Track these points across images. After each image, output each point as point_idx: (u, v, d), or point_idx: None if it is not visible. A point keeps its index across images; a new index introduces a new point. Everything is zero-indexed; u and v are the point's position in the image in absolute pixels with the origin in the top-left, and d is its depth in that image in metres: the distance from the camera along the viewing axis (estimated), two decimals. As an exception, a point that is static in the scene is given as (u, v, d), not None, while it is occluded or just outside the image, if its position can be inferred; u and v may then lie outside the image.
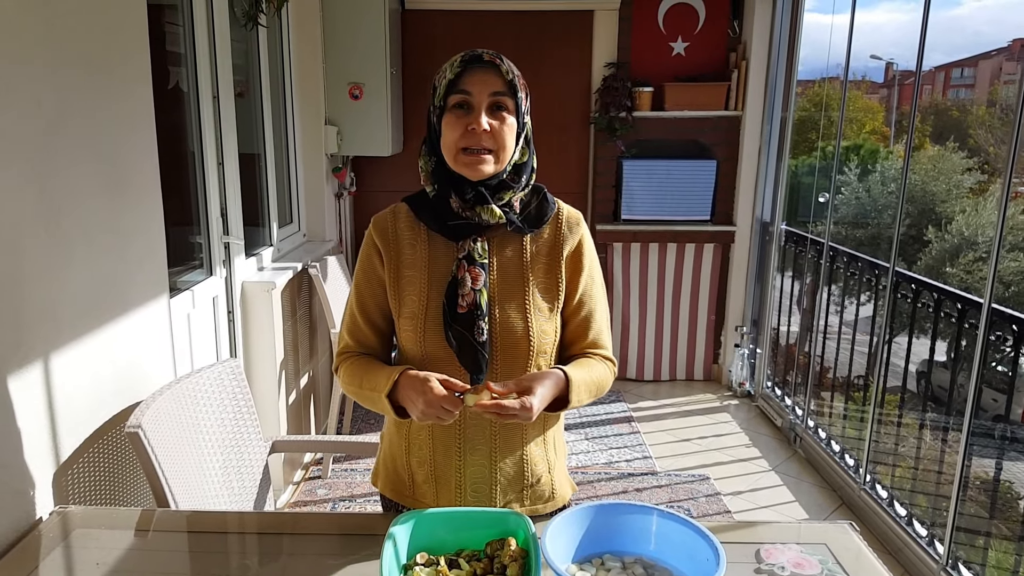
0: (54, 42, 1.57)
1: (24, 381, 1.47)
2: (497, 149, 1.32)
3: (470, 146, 1.31)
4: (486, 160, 1.32)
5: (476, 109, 1.30)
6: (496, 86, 1.30)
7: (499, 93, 1.30)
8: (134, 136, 1.93)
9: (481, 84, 1.30)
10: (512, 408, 1.21)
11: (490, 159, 1.32)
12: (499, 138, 1.31)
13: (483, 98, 1.30)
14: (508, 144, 1.33)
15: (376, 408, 1.38)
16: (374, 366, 1.40)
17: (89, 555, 1.37)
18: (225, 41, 2.78)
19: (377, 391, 1.33)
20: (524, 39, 4.47)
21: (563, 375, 1.32)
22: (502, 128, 1.31)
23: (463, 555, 1.23)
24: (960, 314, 2.79)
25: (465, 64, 1.30)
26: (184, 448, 1.76)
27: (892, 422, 3.81)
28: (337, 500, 3.24)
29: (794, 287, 4.36)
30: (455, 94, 1.30)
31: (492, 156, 1.32)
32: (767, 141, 4.32)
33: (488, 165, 1.32)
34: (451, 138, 1.32)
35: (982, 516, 3.05)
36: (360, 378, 1.39)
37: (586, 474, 3.53)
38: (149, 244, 2.01)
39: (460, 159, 1.32)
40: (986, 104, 17.23)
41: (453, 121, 1.31)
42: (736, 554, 1.33)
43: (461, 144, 1.31)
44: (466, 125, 1.30)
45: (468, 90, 1.30)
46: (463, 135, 1.30)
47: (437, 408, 1.23)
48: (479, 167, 1.32)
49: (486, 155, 1.31)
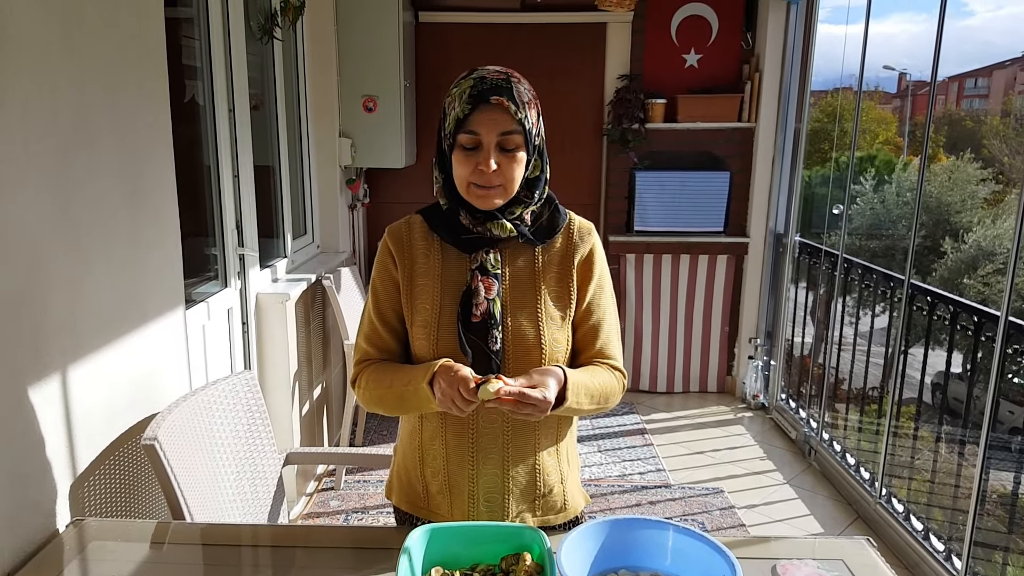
0: (73, 58, 1.60)
1: (43, 393, 1.48)
2: (505, 183, 1.33)
3: (480, 183, 1.32)
4: (495, 195, 1.34)
5: (485, 149, 1.31)
6: (505, 126, 1.30)
7: (507, 133, 1.31)
8: (152, 150, 1.95)
9: (490, 124, 1.30)
10: (534, 398, 1.23)
11: (499, 192, 1.34)
12: (507, 175, 1.33)
13: (492, 138, 1.30)
14: (517, 176, 1.35)
15: (405, 406, 1.39)
16: (402, 366, 1.41)
17: (105, 568, 1.37)
18: (241, 55, 2.81)
19: (414, 384, 1.33)
20: (537, 51, 4.49)
21: (562, 374, 1.33)
22: (511, 165, 1.32)
23: (478, 570, 1.22)
24: (976, 327, 2.76)
25: (474, 101, 1.30)
26: (199, 460, 1.76)
27: (908, 435, 3.78)
28: (350, 512, 3.24)
29: (808, 299, 4.34)
30: (464, 133, 1.31)
31: (501, 190, 1.34)
32: (780, 152, 4.31)
33: (498, 198, 1.35)
34: (461, 173, 1.33)
35: (1000, 531, 3.01)
36: (390, 378, 1.39)
37: (599, 486, 3.51)
38: (166, 256, 2.03)
39: (471, 192, 1.34)
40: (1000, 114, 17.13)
41: (463, 159, 1.32)
42: (752, 570, 1.32)
43: (471, 180, 1.33)
44: (475, 164, 1.31)
45: (477, 131, 1.30)
46: (473, 172, 1.32)
47: (454, 390, 1.24)
48: (490, 200, 1.34)
49: (495, 190, 1.33)
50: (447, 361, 1.31)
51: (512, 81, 1.32)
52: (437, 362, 1.32)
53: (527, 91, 1.34)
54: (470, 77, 1.32)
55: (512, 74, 1.34)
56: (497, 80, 1.31)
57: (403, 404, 1.39)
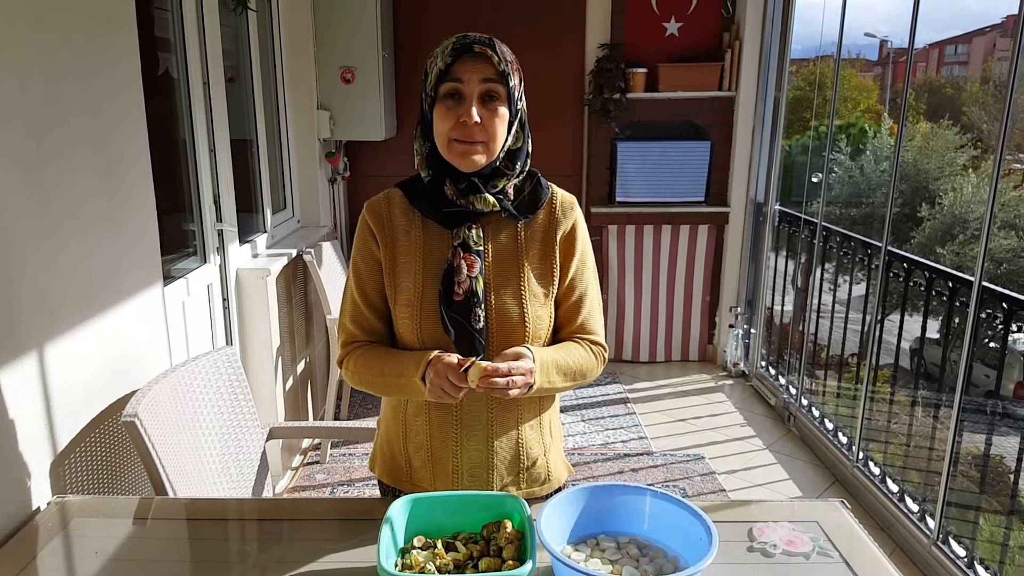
0: (41, 33, 1.56)
1: (19, 372, 1.48)
2: (488, 140, 1.32)
3: (461, 138, 1.31)
4: (477, 150, 1.32)
5: (467, 99, 1.29)
6: (488, 73, 1.29)
7: (490, 80, 1.29)
8: (125, 125, 1.92)
9: (472, 73, 1.29)
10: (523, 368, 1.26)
11: (481, 150, 1.32)
12: (490, 129, 1.31)
13: (474, 87, 1.29)
14: (499, 134, 1.33)
15: (398, 394, 1.40)
16: (392, 353, 1.40)
17: (87, 544, 1.38)
18: (214, 26, 2.76)
19: (405, 376, 1.33)
20: (517, 21, 4.44)
21: (530, 355, 1.32)
22: (493, 119, 1.31)
23: (460, 538, 1.24)
24: (951, 292, 2.80)
25: (456, 52, 1.29)
26: (181, 436, 1.77)
27: (885, 400, 3.84)
28: (336, 485, 3.26)
29: (788, 267, 4.37)
30: (446, 83, 1.30)
31: (483, 147, 1.32)
32: (761, 121, 4.31)
33: (479, 156, 1.32)
34: (442, 129, 1.32)
35: (973, 491, 3.08)
36: (380, 366, 1.39)
37: (583, 455, 3.55)
38: (142, 233, 2.01)
39: (451, 148, 1.32)
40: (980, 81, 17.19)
41: (444, 112, 1.31)
42: (729, 533, 1.35)
43: (452, 135, 1.31)
44: (457, 116, 1.30)
45: (459, 78, 1.29)
46: (454, 126, 1.30)
47: (443, 379, 1.25)
48: (470, 157, 1.32)
49: (477, 146, 1.31)
50: (437, 353, 1.31)
51: (495, 41, 1.32)
52: (428, 355, 1.31)
53: (509, 53, 1.34)
54: (452, 37, 1.32)
55: (494, 37, 1.33)
56: (479, 36, 1.31)
57: (395, 392, 1.39)
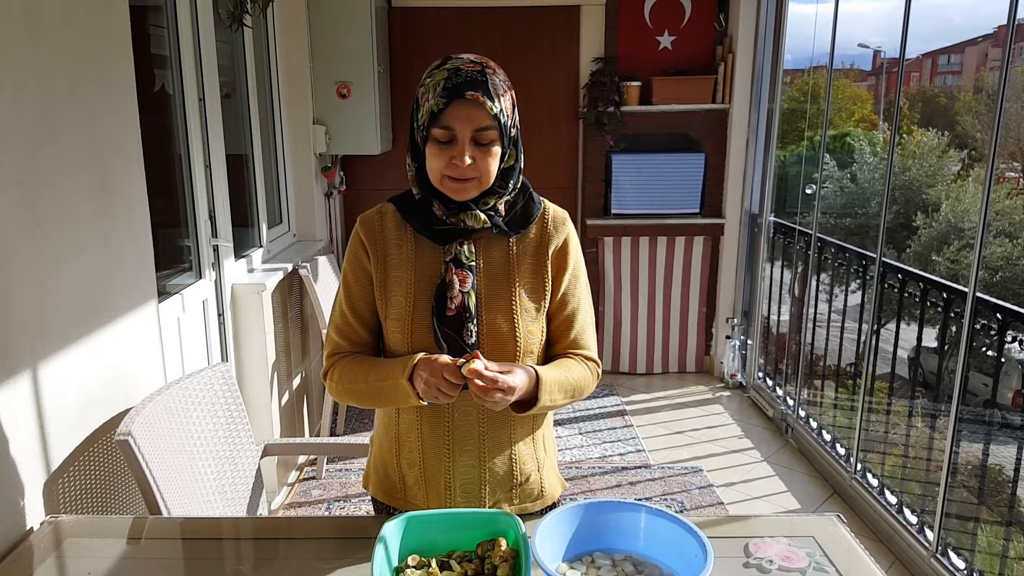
0: (36, 50, 1.57)
1: (13, 390, 1.47)
2: (480, 176, 1.32)
3: (454, 175, 1.30)
4: (469, 187, 1.32)
5: (460, 144, 1.29)
6: (481, 121, 1.28)
7: (483, 129, 1.29)
8: (120, 141, 1.93)
9: (465, 120, 1.27)
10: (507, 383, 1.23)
11: (474, 184, 1.32)
12: (482, 167, 1.31)
13: (467, 133, 1.28)
14: (492, 169, 1.33)
15: (382, 401, 1.38)
16: (377, 360, 1.40)
17: (82, 564, 1.37)
18: (210, 42, 2.77)
19: (392, 379, 1.32)
20: (511, 35, 4.47)
21: (535, 373, 1.33)
22: (486, 158, 1.31)
23: (454, 556, 1.24)
24: (945, 303, 2.81)
25: (449, 95, 1.27)
26: (175, 454, 1.76)
27: (882, 411, 3.84)
28: (332, 501, 3.25)
29: (783, 278, 4.38)
30: (438, 128, 1.29)
31: (476, 182, 1.32)
32: (755, 133, 4.33)
33: (472, 190, 1.33)
34: (435, 166, 1.31)
35: (971, 502, 3.08)
36: (365, 373, 1.38)
37: (580, 469, 3.54)
38: (136, 249, 2.01)
39: (444, 184, 1.32)
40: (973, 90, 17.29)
41: (437, 151, 1.30)
42: (725, 548, 1.35)
43: (445, 172, 1.31)
44: (450, 158, 1.29)
45: (451, 126, 1.28)
46: (447, 165, 1.30)
47: (439, 378, 1.24)
48: (463, 192, 1.32)
49: (470, 182, 1.31)
50: (424, 355, 1.31)
51: (487, 73, 1.30)
52: (414, 357, 1.31)
53: (502, 82, 1.32)
54: (444, 68, 1.30)
55: (487, 64, 1.32)
56: (472, 72, 1.28)
57: (380, 399, 1.38)
